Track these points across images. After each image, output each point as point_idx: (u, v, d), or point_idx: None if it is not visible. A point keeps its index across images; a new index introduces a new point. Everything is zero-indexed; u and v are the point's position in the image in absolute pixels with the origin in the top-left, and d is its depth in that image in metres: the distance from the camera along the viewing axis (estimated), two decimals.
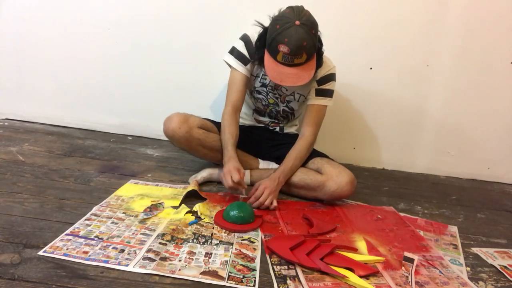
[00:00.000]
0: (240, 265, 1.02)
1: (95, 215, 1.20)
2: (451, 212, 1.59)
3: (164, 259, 1.01)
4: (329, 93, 1.55)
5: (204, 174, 1.55)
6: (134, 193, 1.39)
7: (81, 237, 1.06)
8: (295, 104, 1.60)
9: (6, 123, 2.10)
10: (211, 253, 1.06)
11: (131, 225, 1.16)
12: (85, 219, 1.16)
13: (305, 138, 1.53)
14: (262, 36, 1.40)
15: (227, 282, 0.94)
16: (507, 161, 2.07)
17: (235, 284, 0.94)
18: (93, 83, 2.09)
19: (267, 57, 1.37)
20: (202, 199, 1.39)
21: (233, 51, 1.52)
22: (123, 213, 1.23)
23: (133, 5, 1.97)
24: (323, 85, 1.53)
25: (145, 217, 1.22)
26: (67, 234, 1.07)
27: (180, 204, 1.32)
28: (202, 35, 1.97)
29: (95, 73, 2.07)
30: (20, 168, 1.50)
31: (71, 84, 2.09)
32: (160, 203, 1.32)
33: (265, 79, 1.55)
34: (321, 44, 1.41)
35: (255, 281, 0.96)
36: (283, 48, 1.29)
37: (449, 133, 2.05)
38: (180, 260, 1.01)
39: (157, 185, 1.49)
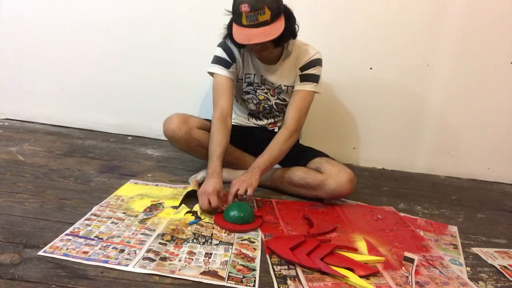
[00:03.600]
0: (240, 265, 1.02)
1: (95, 215, 1.20)
2: (451, 212, 1.59)
3: (164, 259, 1.01)
4: (313, 78, 1.51)
5: (204, 174, 1.55)
6: (134, 193, 1.39)
7: (81, 237, 1.06)
8: (286, 95, 1.59)
9: (6, 123, 2.10)
10: (211, 253, 1.06)
11: (131, 225, 1.16)
12: (85, 219, 1.16)
13: (287, 126, 1.48)
14: (230, 19, 1.41)
15: (227, 282, 0.94)
16: (507, 161, 2.06)
17: (235, 284, 0.94)
18: (93, 83, 2.09)
19: (234, 28, 1.36)
20: None
21: (213, 59, 1.52)
22: (123, 213, 1.23)
23: (133, 5, 1.97)
24: (307, 70, 1.51)
25: (145, 217, 1.22)
26: (67, 234, 1.07)
27: (180, 204, 1.32)
28: (202, 35, 1.97)
29: (95, 73, 2.07)
30: (20, 168, 1.50)
31: (71, 84, 2.10)
32: (160, 203, 1.32)
33: (249, 77, 1.56)
34: (294, 19, 1.40)
35: (255, 281, 0.96)
36: (244, 8, 1.28)
37: (449, 133, 2.05)
38: (180, 260, 1.01)
39: (157, 185, 1.49)
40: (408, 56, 1.95)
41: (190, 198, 1.37)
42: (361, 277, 1.00)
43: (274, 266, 1.03)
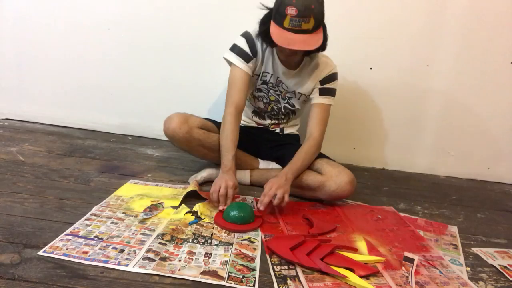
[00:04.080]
0: (240, 265, 1.02)
1: (95, 215, 1.20)
2: (451, 212, 1.59)
3: (164, 259, 1.01)
4: (333, 92, 1.56)
5: (204, 174, 1.55)
6: (134, 193, 1.39)
7: (81, 237, 1.06)
8: (296, 101, 1.59)
9: (6, 123, 2.10)
10: (210, 253, 1.06)
11: (131, 225, 1.16)
12: (85, 219, 1.16)
13: (314, 138, 1.51)
14: (267, 14, 1.39)
15: (226, 282, 0.94)
16: (507, 161, 2.07)
17: (234, 284, 0.94)
18: (93, 83, 2.09)
19: (273, 27, 1.33)
20: (202, 199, 1.38)
21: (234, 48, 1.48)
22: (123, 213, 1.23)
23: (133, 5, 1.97)
24: (327, 84, 1.53)
25: (145, 217, 1.22)
26: (67, 234, 1.07)
27: (180, 204, 1.32)
28: (202, 34, 1.97)
29: (95, 73, 2.07)
30: (20, 168, 1.50)
31: (71, 84, 2.09)
32: (160, 203, 1.32)
33: (265, 76, 1.54)
34: (326, 31, 1.41)
35: (254, 281, 0.96)
36: (290, 10, 1.26)
37: (449, 133, 2.05)
38: (180, 260, 1.01)
39: (157, 185, 1.49)
40: (408, 56, 1.95)
41: (190, 198, 1.37)
42: (361, 277, 1.00)
43: (274, 266, 1.03)
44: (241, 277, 0.97)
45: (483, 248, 1.28)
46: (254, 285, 0.94)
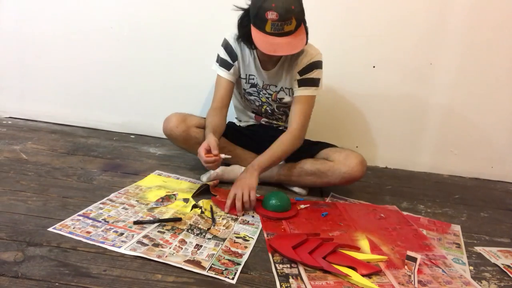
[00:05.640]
0: (226, 259, 1.03)
1: (111, 200, 1.28)
2: (454, 211, 1.58)
3: (156, 245, 1.04)
4: (313, 82, 1.48)
5: (217, 170, 1.55)
6: (154, 184, 1.45)
7: (90, 218, 1.14)
8: (288, 98, 1.55)
9: (9, 122, 2.10)
10: (201, 245, 1.07)
11: (139, 212, 1.22)
12: (100, 203, 1.24)
13: (290, 132, 1.46)
14: (244, 16, 1.38)
15: (207, 271, 0.95)
16: (511, 160, 2.06)
17: (214, 274, 0.95)
18: (96, 82, 2.09)
19: (254, 32, 1.30)
20: (212, 195, 1.42)
21: (218, 59, 1.55)
22: (136, 200, 1.29)
23: (135, 4, 1.97)
24: (306, 74, 1.47)
25: (154, 206, 1.26)
26: (79, 215, 1.15)
27: (193, 196, 1.37)
28: (205, 34, 1.97)
29: (98, 72, 2.08)
30: (23, 167, 1.51)
31: (74, 83, 2.10)
32: (173, 195, 1.37)
33: (253, 79, 1.55)
34: (305, 21, 1.37)
35: (235, 273, 0.96)
36: (271, 15, 1.23)
37: (452, 131, 2.04)
38: (170, 248, 1.04)
39: (177, 178, 1.56)
40: (411, 55, 1.94)
41: (203, 194, 1.42)
42: (363, 276, 1.00)
43: (276, 265, 1.03)
44: (223, 269, 0.98)
45: (486, 247, 1.28)
46: (233, 278, 0.94)
